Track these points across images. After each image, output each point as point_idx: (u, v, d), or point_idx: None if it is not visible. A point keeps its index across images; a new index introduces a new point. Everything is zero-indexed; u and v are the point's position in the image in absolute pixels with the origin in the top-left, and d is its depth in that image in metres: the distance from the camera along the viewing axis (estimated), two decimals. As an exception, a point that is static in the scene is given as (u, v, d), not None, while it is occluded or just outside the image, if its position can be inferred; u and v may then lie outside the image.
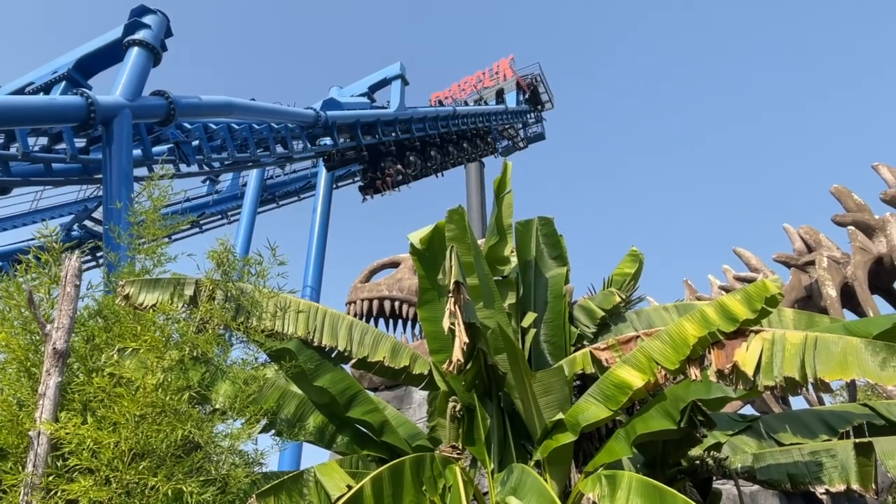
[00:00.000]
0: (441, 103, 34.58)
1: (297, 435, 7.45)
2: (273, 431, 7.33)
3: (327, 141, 22.59)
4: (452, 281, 6.18)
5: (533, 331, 8.18)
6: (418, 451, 6.96)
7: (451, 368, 6.02)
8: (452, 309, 6.06)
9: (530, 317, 8.26)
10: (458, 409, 7.03)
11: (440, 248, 7.69)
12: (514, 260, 8.55)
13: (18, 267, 5.92)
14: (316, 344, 7.45)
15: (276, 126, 19.51)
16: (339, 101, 23.99)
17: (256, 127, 18.78)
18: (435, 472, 6.20)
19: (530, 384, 6.84)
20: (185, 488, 4.86)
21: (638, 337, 7.20)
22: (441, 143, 27.77)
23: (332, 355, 7.60)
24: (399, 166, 25.68)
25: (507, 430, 7.30)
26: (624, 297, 8.97)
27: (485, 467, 6.92)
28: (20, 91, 15.00)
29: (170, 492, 4.86)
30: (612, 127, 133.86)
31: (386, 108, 25.75)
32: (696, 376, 6.24)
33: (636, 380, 6.32)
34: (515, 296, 8.35)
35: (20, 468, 5.00)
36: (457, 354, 5.96)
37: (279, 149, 20.21)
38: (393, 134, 24.83)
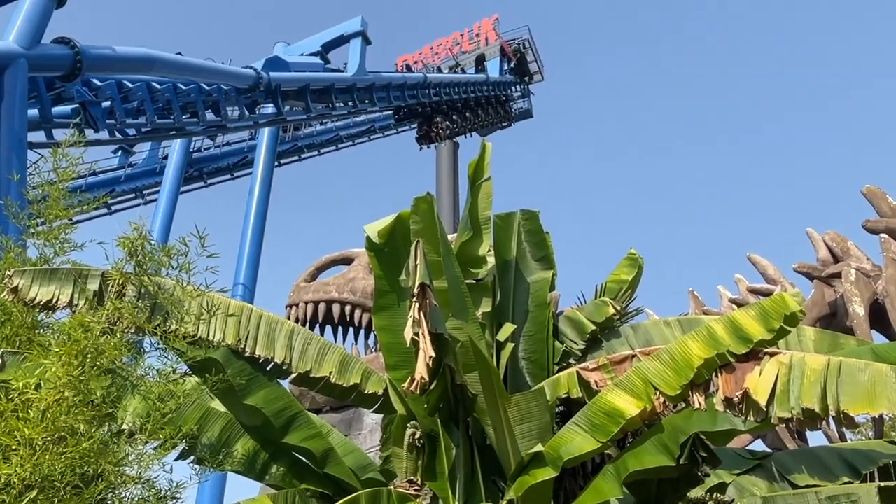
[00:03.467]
0: (409, 68, 34.65)
1: (222, 463, 7.39)
2: (192, 458, 7.26)
3: (269, 108, 22.41)
4: (418, 283, 6.19)
5: (510, 345, 8.25)
6: (368, 486, 6.97)
7: (412, 388, 6.03)
8: (417, 316, 6.08)
9: (508, 329, 8.32)
10: (417, 436, 7.05)
11: (403, 243, 7.70)
12: (490, 260, 8.60)
13: None
14: (248, 354, 7.39)
15: (206, 87, 19.26)
16: (286, 61, 23.82)
17: (183, 88, 18.50)
18: (389, 512, 6.22)
19: (505, 409, 6.89)
20: (82, 526, 4.79)
21: (634, 356, 7.30)
22: (474, 105, 35.88)
23: (268, 368, 7.56)
24: (447, 122, 34.47)
25: (476, 463, 7.35)
26: (619, 308, 9.07)
27: (447, 507, 6.96)
28: None
29: (64, 530, 4.77)
30: (611, 109, 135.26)
31: (343, 70, 25.65)
32: (699, 404, 6.36)
33: (630, 407, 6.41)
34: (491, 303, 8.40)
35: None
36: (421, 371, 5.97)
37: (210, 115, 19.96)
38: (350, 103, 25.17)
